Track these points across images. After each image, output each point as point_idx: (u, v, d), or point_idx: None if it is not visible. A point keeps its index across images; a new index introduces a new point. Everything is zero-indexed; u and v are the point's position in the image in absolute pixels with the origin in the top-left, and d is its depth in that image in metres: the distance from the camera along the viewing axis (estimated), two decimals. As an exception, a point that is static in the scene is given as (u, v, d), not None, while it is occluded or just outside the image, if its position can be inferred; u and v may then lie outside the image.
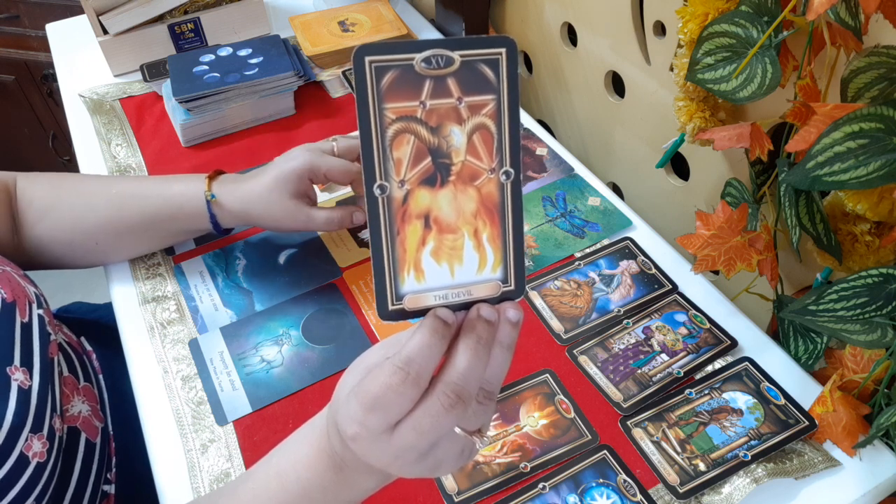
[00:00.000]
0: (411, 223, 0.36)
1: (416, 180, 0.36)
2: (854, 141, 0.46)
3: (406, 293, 0.37)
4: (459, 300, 0.38)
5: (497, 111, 0.36)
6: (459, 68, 0.35)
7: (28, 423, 0.55)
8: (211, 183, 0.72)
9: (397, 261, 0.37)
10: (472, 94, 0.35)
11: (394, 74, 0.34)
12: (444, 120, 0.35)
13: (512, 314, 0.38)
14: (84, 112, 0.99)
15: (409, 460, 0.39)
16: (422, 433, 0.37)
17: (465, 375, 0.37)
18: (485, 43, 0.35)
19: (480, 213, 0.37)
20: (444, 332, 0.37)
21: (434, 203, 0.36)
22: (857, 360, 0.59)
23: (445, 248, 0.37)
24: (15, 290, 0.60)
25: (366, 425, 0.37)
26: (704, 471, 0.58)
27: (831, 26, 0.52)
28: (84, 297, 0.98)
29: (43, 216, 0.71)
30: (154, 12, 1.01)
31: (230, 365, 0.68)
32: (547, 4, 0.94)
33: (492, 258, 0.38)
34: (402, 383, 0.36)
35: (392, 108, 0.35)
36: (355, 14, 1.09)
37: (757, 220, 0.65)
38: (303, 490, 0.43)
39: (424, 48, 0.34)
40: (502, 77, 0.35)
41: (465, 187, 0.36)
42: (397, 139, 0.35)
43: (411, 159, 0.35)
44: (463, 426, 0.39)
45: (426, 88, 0.35)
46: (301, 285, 0.75)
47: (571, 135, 1.01)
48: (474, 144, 0.36)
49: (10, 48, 1.78)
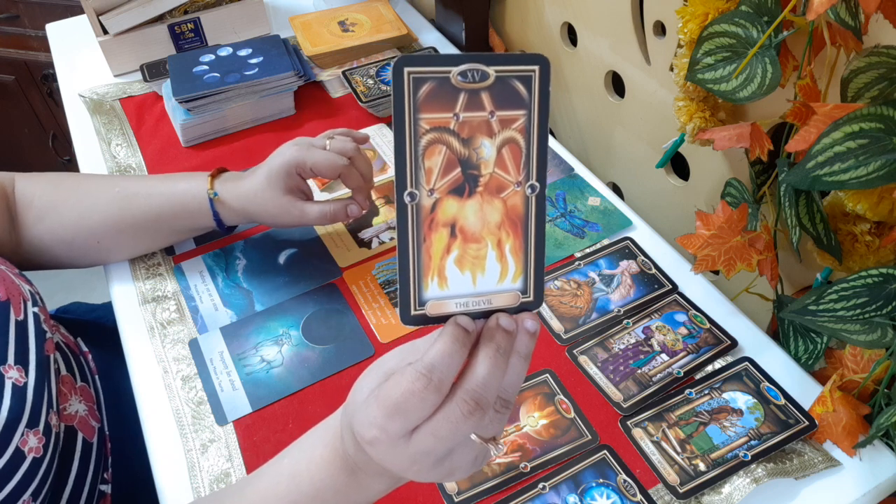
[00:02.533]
0: (438, 231, 0.37)
1: (445, 189, 0.36)
2: (854, 141, 0.46)
3: (429, 299, 0.38)
4: (479, 308, 0.39)
5: (527, 126, 0.37)
6: (494, 83, 0.35)
7: (24, 419, 0.55)
8: (213, 181, 0.72)
9: (422, 267, 0.37)
10: (504, 108, 0.36)
11: (431, 86, 0.35)
12: (475, 132, 0.36)
13: (530, 325, 0.39)
14: (84, 112, 0.99)
15: (425, 465, 0.39)
16: (440, 439, 0.38)
17: (485, 383, 0.37)
18: (520, 60, 0.36)
19: (505, 224, 0.38)
20: (465, 340, 0.38)
21: (461, 213, 0.37)
22: (857, 360, 0.59)
23: (469, 256, 0.38)
24: (9, 289, 0.60)
25: (386, 430, 0.38)
26: (704, 471, 0.58)
27: (831, 26, 0.52)
28: (84, 297, 0.98)
29: (44, 216, 0.71)
30: (154, 12, 1.01)
31: (230, 365, 0.68)
32: (547, 4, 0.94)
33: (513, 269, 0.38)
34: (425, 389, 0.36)
35: (427, 118, 0.35)
36: (355, 14, 1.09)
37: (757, 220, 0.65)
38: (315, 491, 0.43)
39: (461, 62, 0.35)
40: (534, 93, 0.36)
41: (491, 199, 0.37)
42: (430, 149, 0.36)
43: (442, 169, 0.36)
44: (479, 433, 0.39)
45: (461, 101, 0.35)
46: (301, 285, 0.75)
47: (571, 135, 1.01)
48: (503, 157, 0.37)
49: (10, 48, 1.78)
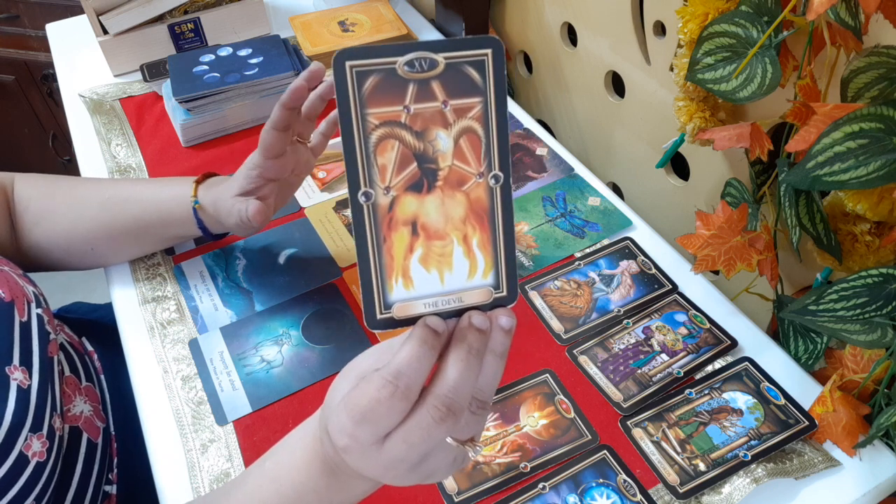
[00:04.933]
0: (398, 230, 0.35)
1: (402, 186, 0.35)
2: (854, 141, 0.46)
3: (395, 301, 0.36)
4: (450, 307, 0.37)
5: (484, 114, 0.35)
6: (444, 71, 0.34)
7: (27, 423, 0.55)
8: (197, 188, 0.69)
9: (384, 269, 0.36)
10: (457, 97, 0.34)
11: (376, 79, 0.33)
12: (429, 124, 0.35)
13: (504, 321, 0.37)
14: (84, 112, 0.99)
15: (400, 471, 0.39)
16: (412, 445, 0.37)
17: (456, 388, 0.36)
18: (470, 44, 0.34)
19: (469, 218, 0.36)
20: (433, 342, 0.36)
21: (421, 209, 0.36)
22: (857, 360, 0.59)
23: (434, 254, 0.36)
24: (13, 290, 0.60)
25: (355, 438, 0.37)
26: (704, 471, 0.58)
27: (831, 26, 0.52)
28: (84, 297, 0.98)
29: (39, 220, 0.71)
30: (154, 12, 1.01)
31: (230, 365, 0.68)
32: (547, 4, 0.94)
33: (482, 264, 0.37)
34: (391, 397, 0.35)
35: (375, 113, 0.34)
36: (355, 14, 1.09)
37: (757, 220, 0.65)
38: (297, 494, 0.43)
39: (407, 51, 0.34)
40: (489, 79, 0.35)
41: (453, 192, 0.36)
42: (381, 145, 0.34)
43: (396, 165, 0.35)
44: (455, 436, 0.39)
45: (410, 92, 0.34)
46: (301, 285, 0.75)
47: (571, 135, 1.01)
48: (461, 148, 0.35)
49: (10, 48, 1.78)
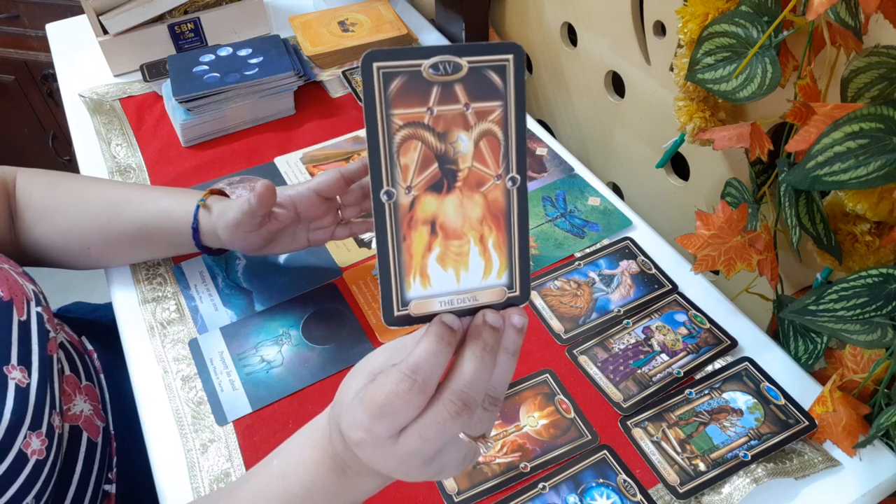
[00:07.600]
0: (417, 229, 0.36)
1: (423, 186, 0.36)
2: (854, 141, 0.46)
3: (412, 299, 0.37)
4: (465, 306, 0.38)
5: (504, 117, 0.36)
6: (467, 74, 0.35)
7: (26, 421, 0.55)
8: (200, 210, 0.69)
9: (403, 266, 0.37)
10: (479, 100, 0.35)
11: (402, 80, 0.34)
12: (451, 126, 0.35)
13: (517, 320, 0.38)
14: (84, 112, 0.99)
15: (413, 466, 0.39)
16: (427, 440, 0.37)
17: (472, 383, 0.37)
18: (492, 49, 0.35)
19: (486, 219, 0.37)
20: (450, 338, 0.37)
21: (440, 209, 0.36)
22: (857, 360, 0.59)
23: (451, 253, 0.37)
24: (12, 289, 0.60)
25: (372, 432, 0.37)
26: (704, 471, 0.58)
27: (831, 26, 0.52)
28: (84, 296, 0.98)
29: (39, 219, 0.71)
30: (154, 12, 1.01)
31: (230, 365, 0.68)
32: (547, 4, 0.94)
33: (497, 264, 0.38)
34: (409, 391, 0.36)
35: (399, 114, 0.35)
36: (355, 14, 1.09)
37: (757, 220, 0.65)
38: (305, 492, 0.43)
39: (432, 54, 0.34)
40: (509, 83, 0.35)
41: (471, 193, 0.37)
42: (405, 145, 0.35)
43: (418, 165, 0.36)
44: (468, 432, 0.39)
45: (434, 94, 0.35)
46: (301, 285, 0.75)
47: (571, 135, 1.01)
48: (481, 150, 0.36)
49: (10, 48, 1.77)
